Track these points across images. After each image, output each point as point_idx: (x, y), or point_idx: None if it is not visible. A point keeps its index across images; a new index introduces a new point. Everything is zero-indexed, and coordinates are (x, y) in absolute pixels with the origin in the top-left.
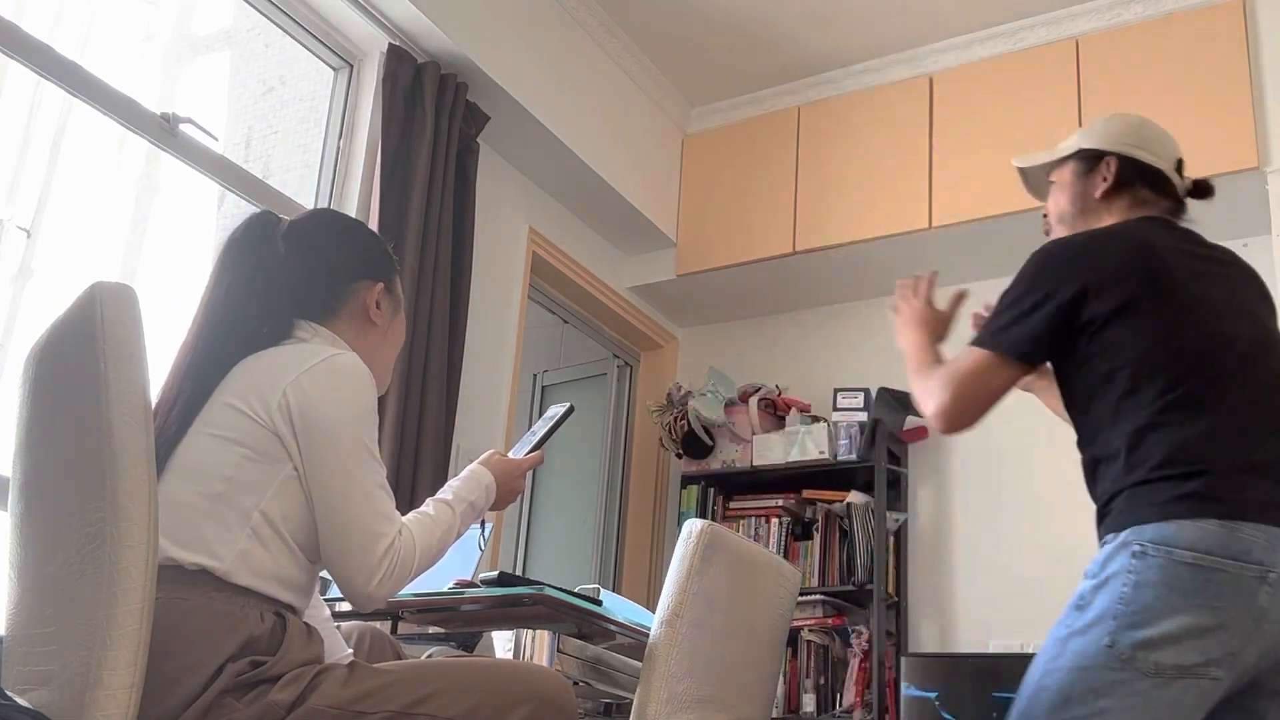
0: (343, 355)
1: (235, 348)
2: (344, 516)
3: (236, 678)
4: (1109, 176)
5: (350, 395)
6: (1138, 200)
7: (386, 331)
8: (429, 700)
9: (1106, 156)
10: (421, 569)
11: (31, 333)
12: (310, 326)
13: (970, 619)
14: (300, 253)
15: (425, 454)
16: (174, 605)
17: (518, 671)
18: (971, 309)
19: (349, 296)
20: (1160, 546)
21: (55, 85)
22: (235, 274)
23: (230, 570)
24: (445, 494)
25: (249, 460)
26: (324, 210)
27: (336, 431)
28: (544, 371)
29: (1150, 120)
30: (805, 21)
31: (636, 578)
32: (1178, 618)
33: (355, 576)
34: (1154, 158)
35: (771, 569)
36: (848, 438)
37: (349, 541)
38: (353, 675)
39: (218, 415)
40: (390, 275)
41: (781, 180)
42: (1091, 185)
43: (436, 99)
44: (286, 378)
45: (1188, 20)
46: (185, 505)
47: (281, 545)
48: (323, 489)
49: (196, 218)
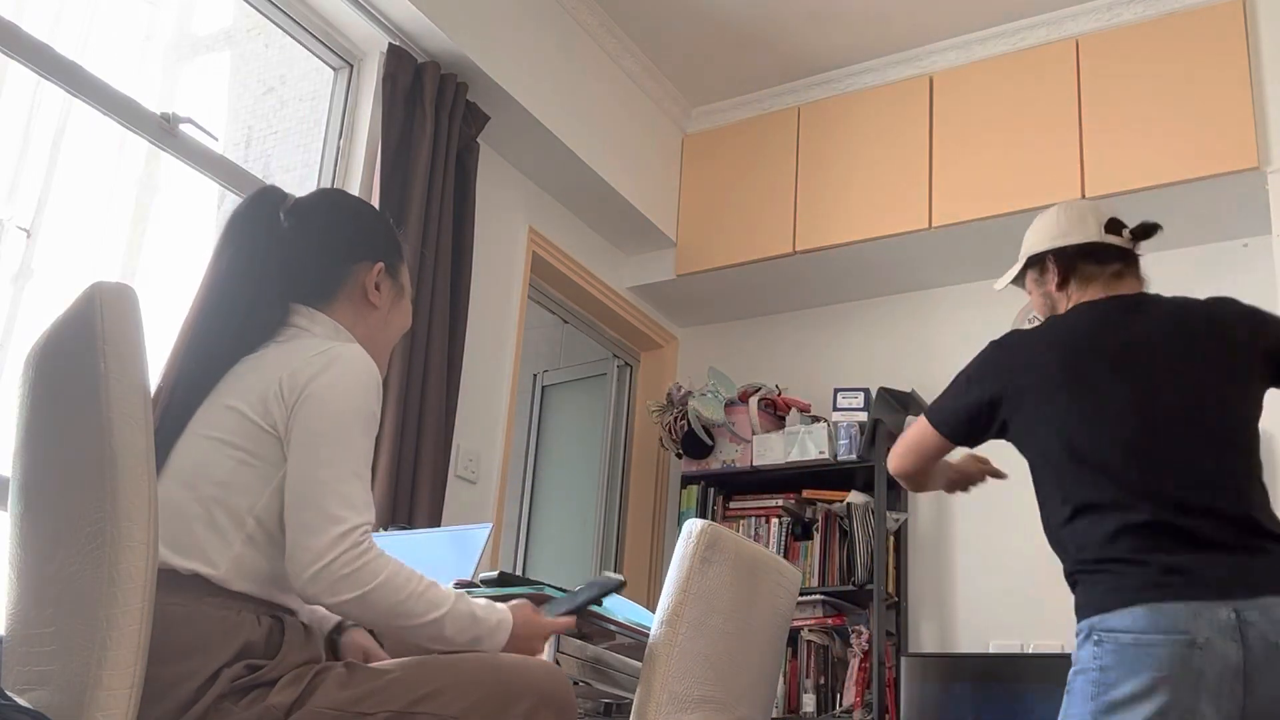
0: (346, 346)
1: (232, 337)
2: (307, 490)
3: (233, 682)
4: (1053, 274)
5: (348, 387)
6: (1084, 279)
7: (387, 315)
8: (429, 699)
9: (1045, 256)
10: (382, 602)
11: (31, 333)
12: (308, 313)
13: (970, 619)
14: (302, 229)
15: (425, 454)
16: (168, 611)
17: (516, 668)
18: None
19: (347, 277)
20: (1110, 634)
21: (55, 85)
22: (237, 246)
23: (225, 577)
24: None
25: (244, 464)
26: (332, 190)
27: (325, 412)
28: (544, 371)
29: (1068, 204)
30: (805, 21)
31: (636, 578)
32: (1130, 683)
33: (301, 556)
34: (1080, 237)
35: (772, 569)
36: (848, 438)
37: (304, 515)
38: (352, 676)
39: (216, 417)
40: (393, 257)
41: (781, 180)
42: (1047, 283)
43: (436, 99)
44: (286, 368)
45: (1188, 20)
46: (179, 510)
47: (276, 548)
48: (296, 463)
49: (196, 218)
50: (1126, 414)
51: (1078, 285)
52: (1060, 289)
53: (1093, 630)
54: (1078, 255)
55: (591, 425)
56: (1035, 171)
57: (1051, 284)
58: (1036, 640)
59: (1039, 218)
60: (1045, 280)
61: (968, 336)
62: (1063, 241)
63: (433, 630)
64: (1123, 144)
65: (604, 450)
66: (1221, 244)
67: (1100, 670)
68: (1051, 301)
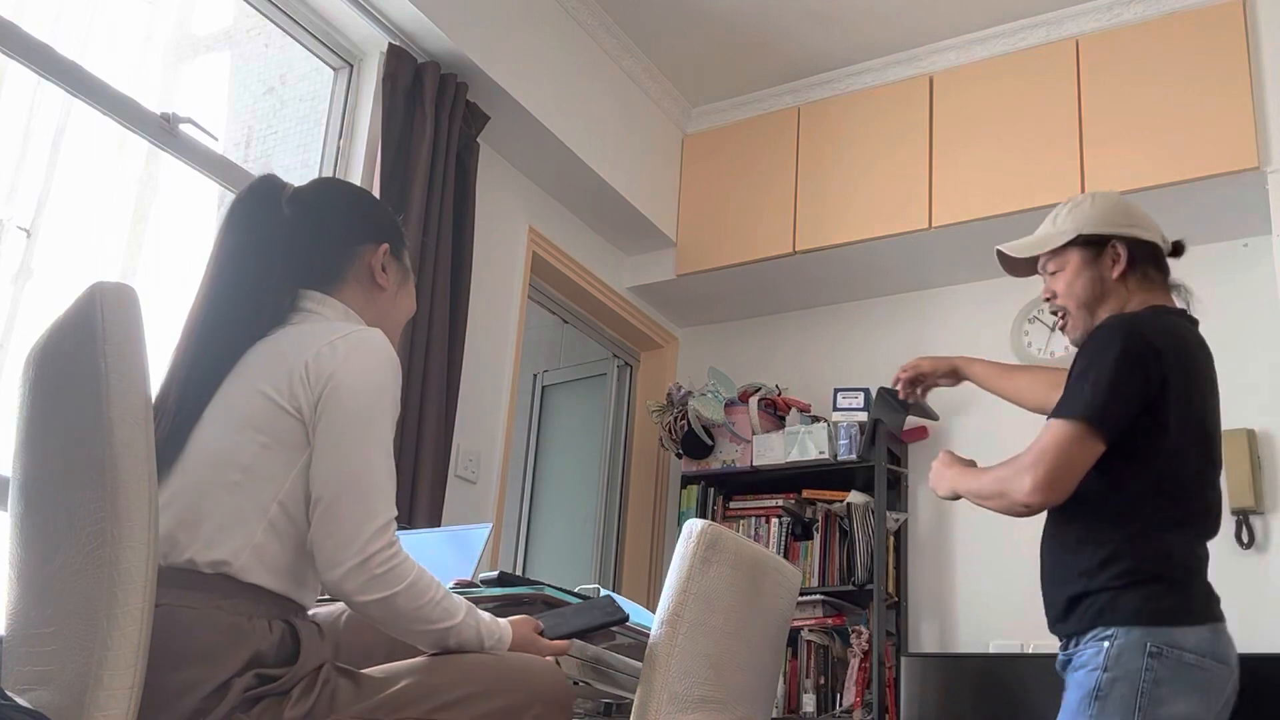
0: (369, 331)
1: (244, 321)
2: (341, 484)
3: (244, 693)
4: (1120, 259)
5: (375, 370)
6: (1148, 279)
7: (395, 296)
8: (443, 708)
9: (1111, 240)
10: (407, 605)
11: (31, 333)
12: (317, 297)
13: (970, 619)
14: (305, 216)
15: (425, 454)
16: (180, 614)
17: (521, 672)
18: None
19: (354, 259)
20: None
21: (55, 85)
22: (240, 234)
23: (245, 567)
24: None
25: (267, 449)
26: (329, 178)
27: (356, 403)
28: (544, 371)
29: (1126, 198)
30: (805, 21)
31: (636, 578)
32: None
33: (338, 553)
34: (1149, 234)
35: (772, 569)
36: (848, 438)
37: (339, 510)
38: (363, 685)
39: (237, 402)
40: (396, 239)
41: (781, 180)
42: (1105, 269)
43: (436, 99)
44: (309, 350)
45: (1188, 20)
46: (201, 495)
47: (295, 537)
48: (327, 452)
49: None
50: (1213, 425)
51: (1138, 284)
52: (1121, 279)
53: (1151, 641)
54: (1152, 254)
55: (591, 425)
56: (1035, 171)
57: (1114, 269)
58: (1036, 640)
59: (1095, 197)
60: (1103, 263)
61: (968, 336)
62: (1136, 233)
63: (439, 638)
64: (1123, 144)
65: (604, 450)
66: (1221, 244)
67: (1154, 684)
68: (1102, 289)
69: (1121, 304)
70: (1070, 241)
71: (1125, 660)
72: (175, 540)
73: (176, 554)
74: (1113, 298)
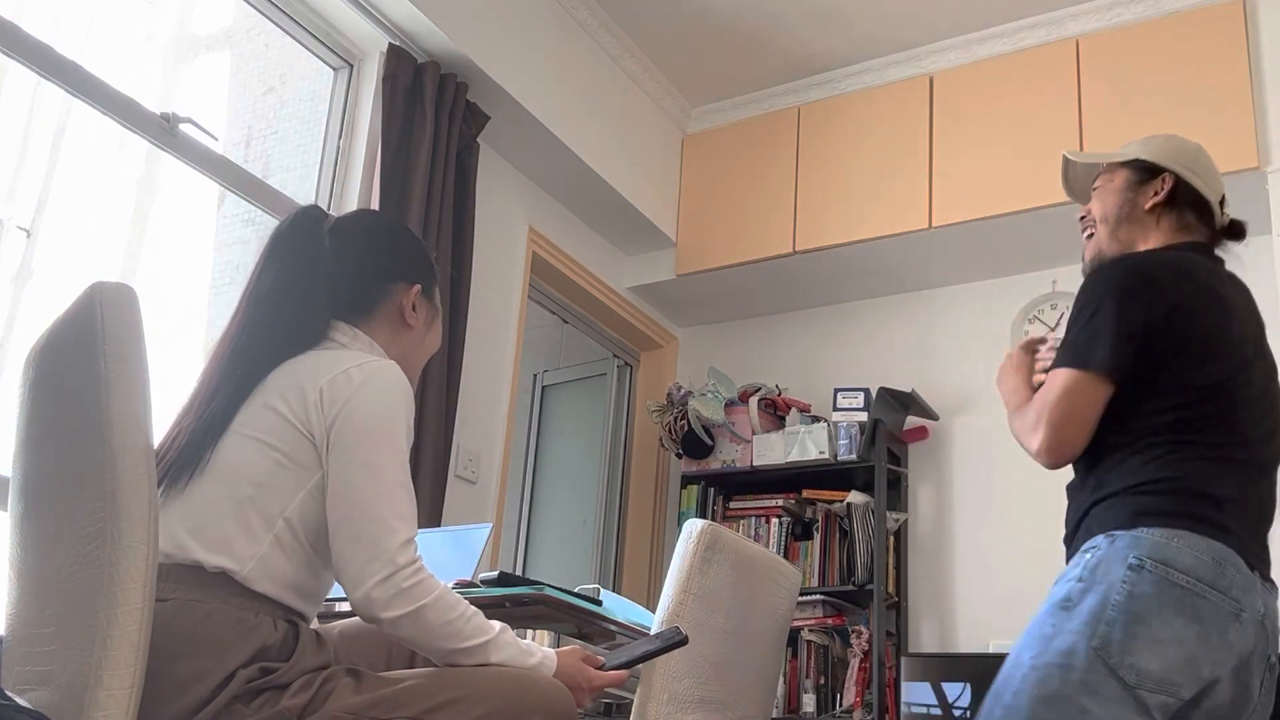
0: (384, 362)
1: (276, 344)
2: (359, 504)
3: (247, 684)
4: (1161, 192)
5: (389, 400)
6: (1183, 223)
7: (422, 337)
8: (442, 709)
9: (1163, 173)
10: (436, 619)
11: (31, 333)
12: (348, 330)
13: (970, 619)
14: (344, 249)
15: (425, 454)
16: (190, 607)
17: (524, 682)
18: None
19: (386, 297)
20: (1157, 564)
21: (55, 85)
22: (283, 264)
23: (250, 576)
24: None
25: (281, 466)
26: (369, 211)
27: (368, 426)
28: (544, 371)
29: (1206, 151)
30: (805, 21)
31: (636, 578)
32: (1167, 632)
33: (363, 569)
34: (1205, 187)
35: (772, 569)
36: (848, 438)
37: (360, 529)
38: (363, 682)
39: (256, 417)
40: (429, 280)
41: (781, 180)
42: (1143, 196)
43: (436, 99)
44: (325, 376)
45: (1188, 20)
46: (214, 506)
47: (302, 553)
48: (342, 475)
49: (196, 218)
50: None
51: (1172, 224)
52: (1152, 210)
53: (1133, 552)
54: (1193, 200)
55: (591, 425)
56: (1035, 171)
57: (1149, 200)
58: None
59: (1171, 137)
60: (1144, 192)
61: (968, 336)
62: (1191, 178)
63: (479, 656)
64: (1123, 144)
65: (604, 450)
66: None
67: (1128, 598)
68: (1130, 212)
69: (1143, 235)
70: (1127, 163)
71: (1102, 570)
72: (186, 545)
73: (184, 555)
74: (1136, 226)
